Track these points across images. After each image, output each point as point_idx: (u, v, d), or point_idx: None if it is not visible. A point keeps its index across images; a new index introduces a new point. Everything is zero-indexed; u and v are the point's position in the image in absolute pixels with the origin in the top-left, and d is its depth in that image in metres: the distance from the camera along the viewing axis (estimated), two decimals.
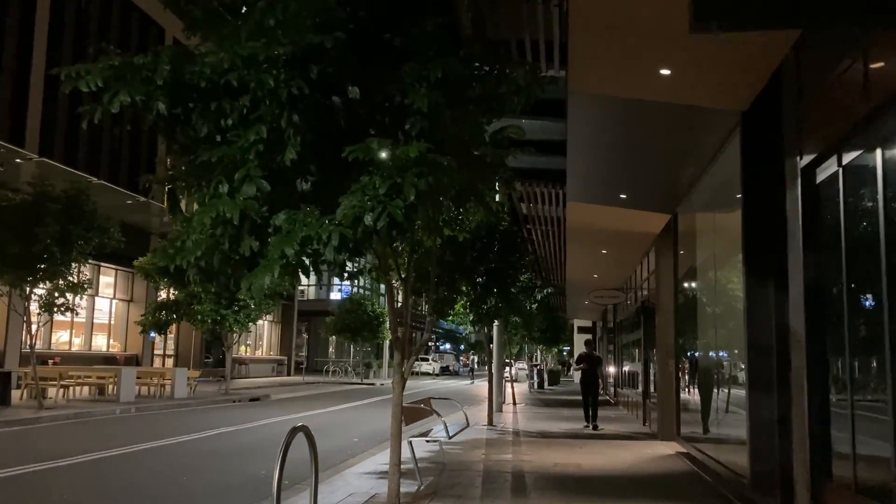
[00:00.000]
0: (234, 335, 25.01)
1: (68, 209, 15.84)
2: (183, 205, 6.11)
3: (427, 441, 8.36)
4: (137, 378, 21.45)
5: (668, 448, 11.44)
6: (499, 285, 14.29)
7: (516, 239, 14.72)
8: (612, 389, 27.64)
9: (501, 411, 19.33)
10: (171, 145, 5.65)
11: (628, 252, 15.22)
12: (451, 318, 16.27)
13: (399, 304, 7.15)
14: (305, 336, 57.03)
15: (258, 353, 42.77)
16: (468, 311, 14.80)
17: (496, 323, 19.18)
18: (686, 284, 10.96)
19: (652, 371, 14.99)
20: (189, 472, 9.36)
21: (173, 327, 32.41)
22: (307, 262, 5.04)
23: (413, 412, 8.19)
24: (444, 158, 4.91)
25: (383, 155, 4.77)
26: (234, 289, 5.37)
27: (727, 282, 8.39)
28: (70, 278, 16.83)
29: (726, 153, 7.91)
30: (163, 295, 26.60)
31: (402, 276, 7.30)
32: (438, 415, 8.30)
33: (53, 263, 15.68)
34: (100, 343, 29.05)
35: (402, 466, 8.88)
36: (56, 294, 16.73)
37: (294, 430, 4.96)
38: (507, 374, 22.69)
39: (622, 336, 22.55)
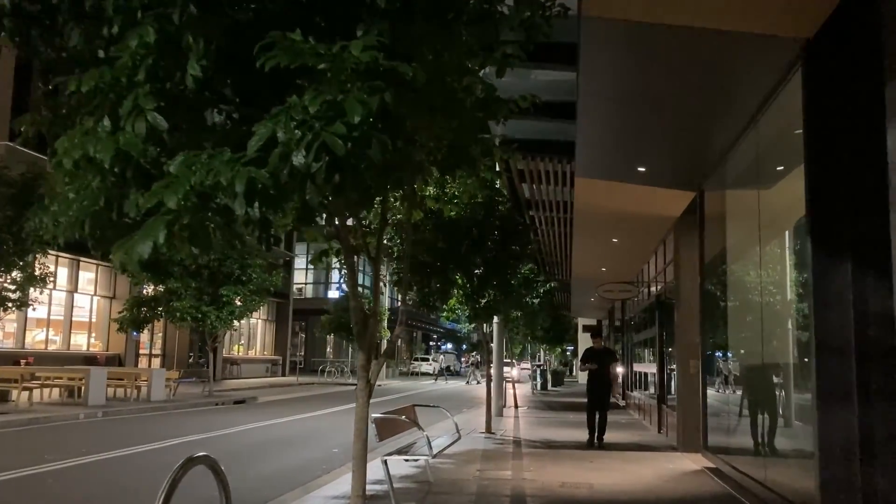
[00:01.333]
0: (220, 334, 23.57)
1: (23, 194, 14.36)
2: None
3: (406, 460, 6.86)
4: (111, 379, 20.01)
5: (693, 462, 9.92)
6: (498, 277, 12.78)
7: (517, 225, 13.21)
8: (620, 391, 26.11)
9: (502, 416, 17.82)
10: (39, 67, 4.12)
11: (642, 240, 13.69)
12: (445, 314, 14.74)
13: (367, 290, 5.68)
14: (302, 336, 55.59)
15: (251, 353, 41.28)
16: (464, 305, 13.29)
17: (496, 320, 17.69)
18: (715, 274, 9.44)
19: (668, 372, 13.46)
20: (120, 495, 7.86)
21: (160, 325, 31.13)
22: (212, 220, 3.51)
23: (389, 425, 6.68)
24: (408, 67, 3.40)
25: (317, 63, 3.26)
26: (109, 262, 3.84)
27: (775, 268, 6.87)
28: (30, 270, 15.38)
29: (777, 103, 6.40)
30: (149, 290, 25.03)
31: (372, 255, 5.81)
32: (420, 428, 6.78)
33: (6, 253, 14.21)
34: (79, 342, 27.58)
35: (379, 488, 7.39)
36: (14, 287, 15.28)
37: (190, 462, 3.43)
38: (508, 375, 21.15)
39: (632, 334, 21.02)
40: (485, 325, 14.34)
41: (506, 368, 20.63)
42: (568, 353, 67.85)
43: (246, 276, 22.01)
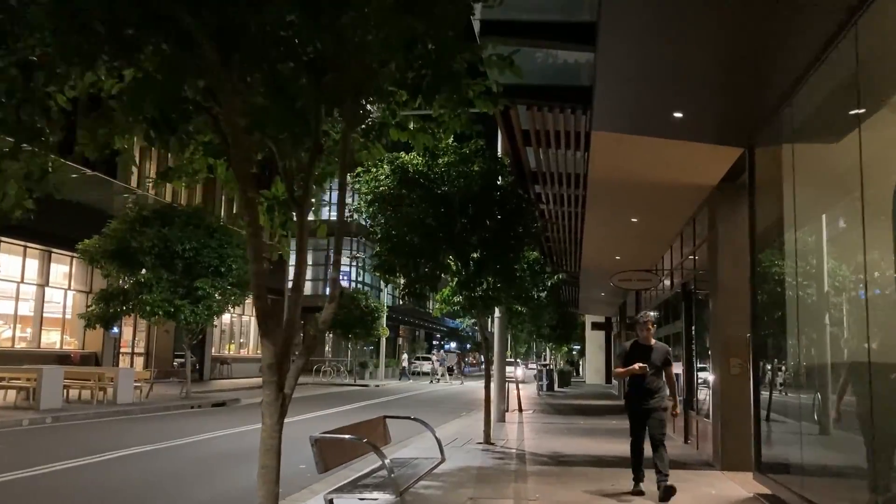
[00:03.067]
0: (200, 330, 21.67)
1: None
2: None
3: (361, 500, 4.87)
4: (74, 380, 18.16)
5: (740, 486, 7.96)
6: (498, 261, 10.81)
7: (521, 201, 11.24)
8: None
9: (504, 421, 15.88)
10: None
11: (667, 218, 11.71)
12: (437, 306, 12.78)
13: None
14: (302, 335, 53.68)
15: (243, 352, 39.37)
16: (459, 293, 11.30)
17: (497, 313, 15.73)
18: (774, 253, 7.47)
19: (699, 373, 11.50)
20: None
21: (143, 322, 29.20)
22: None
23: (339, 448, 4.73)
24: None
25: None
26: None
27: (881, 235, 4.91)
28: None
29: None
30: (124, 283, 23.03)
31: (296, 193, 3.87)
32: (381, 455, 4.79)
33: None
34: (52, 340, 25.70)
35: None
36: None
37: None
38: (511, 375, 19.17)
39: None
40: (483, 317, 12.31)
41: (508, 368, 18.70)
42: (574, 353, 65.80)
43: (225, 267, 20.09)
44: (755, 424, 7.53)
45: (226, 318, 37.34)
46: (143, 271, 19.35)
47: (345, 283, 51.73)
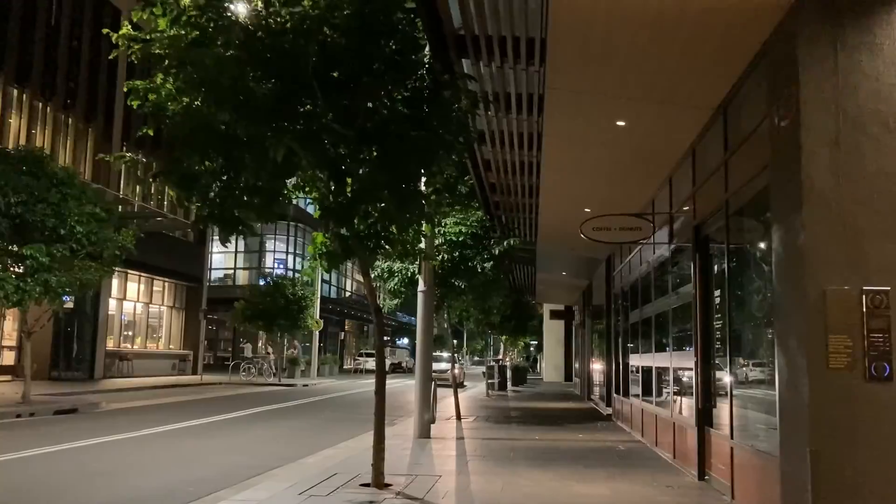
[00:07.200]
0: (34, 313, 16.52)
1: None
2: None
3: None
4: None
5: None
6: (394, 170, 6.07)
7: (433, 70, 6.53)
8: (604, 393, 19.73)
9: (429, 437, 11.22)
10: None
11: (677, 111, 7.12)
12: (306, 266, 8.02)
13: None
14: (233, 328, 48.18)
15: (151, 347, 33.98)
16: (328, 229, 6.54)
17: (421, 284, 11.07)
18: None
19: (730, 370, 6.91)
20: None
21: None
22: None
23: None
24: None
25: None
26: None
27: None
28: None
29: None
30: None
31: None
32: None
33: None
34: None
35: None
36: None
37: None
38: (442, 373, 14.48)
39: (626, 313, 14.53)
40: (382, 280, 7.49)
41: (439, 365, 14.02)
42: (531, 348, 61.48)
43: (66, 228, 14.98)
44: None
45: (128, 305, 32.01)
46: None
47: (280, 271, 46.55)
